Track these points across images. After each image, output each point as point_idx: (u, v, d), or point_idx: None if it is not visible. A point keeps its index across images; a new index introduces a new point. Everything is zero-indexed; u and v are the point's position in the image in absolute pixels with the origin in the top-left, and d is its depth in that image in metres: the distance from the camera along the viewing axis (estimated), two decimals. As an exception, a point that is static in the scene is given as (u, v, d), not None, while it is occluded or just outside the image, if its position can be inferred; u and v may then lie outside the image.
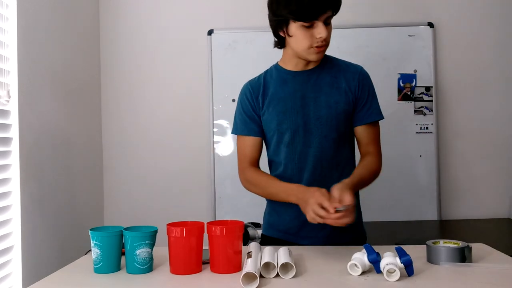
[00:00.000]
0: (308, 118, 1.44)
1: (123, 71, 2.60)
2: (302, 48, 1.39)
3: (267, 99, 1.50)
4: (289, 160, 1.46)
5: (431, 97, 2.51)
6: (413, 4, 2.55)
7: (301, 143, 1.45)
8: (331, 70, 1.48)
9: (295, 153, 1.45)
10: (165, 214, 2.52)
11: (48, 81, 1.98)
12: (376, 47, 2.51)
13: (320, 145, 1.44)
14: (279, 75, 1.51)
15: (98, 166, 2.53)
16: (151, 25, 2.60)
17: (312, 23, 1.35)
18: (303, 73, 1.48)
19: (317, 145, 1.44)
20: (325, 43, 1.38)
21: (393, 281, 1.04)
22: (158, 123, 2.59)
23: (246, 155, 1.53)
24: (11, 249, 1.70)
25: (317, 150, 1.44)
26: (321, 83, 1.46)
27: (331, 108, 1.43)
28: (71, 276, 1.18)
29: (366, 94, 1.47)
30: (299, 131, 1.45)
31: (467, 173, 2.53)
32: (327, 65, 1.49)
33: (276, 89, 1.49)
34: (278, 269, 1.10)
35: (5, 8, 1.71)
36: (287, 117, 1.45)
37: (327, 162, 1.45)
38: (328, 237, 1.46)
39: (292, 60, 1.48)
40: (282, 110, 1.46)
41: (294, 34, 1.38)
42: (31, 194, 1.80)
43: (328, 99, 1.44)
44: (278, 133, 1.47)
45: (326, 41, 1.38)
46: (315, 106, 1.44)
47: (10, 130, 1.72)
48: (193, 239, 1.14)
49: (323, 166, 1.45)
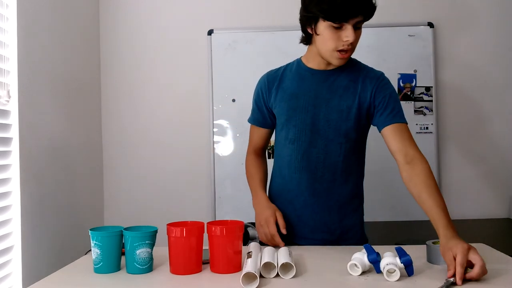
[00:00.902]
0: (317, 118, 1.43)
1: (123, 71, 2.60)
2: (327, 49, 1.37)
3: (280, 92, 1.50)
4: (293, 158, 1.46)
5: (431, 97, 2.51)
6: (413, 4, 2.55)
7: (307, 142, 1.44)
8: (350, 74, 1.45)
9: (298, 152, 1.45)
10: (165, 214, 2.52)
11: (48, 81, 1.98)
12: (376, 47, 2.51)
13: (325, 148, 1.43)
14: (298, 71, 1.50)
15: (98, 166, 2.53)
16: (151, 25, 2.60)
17: (342, 25, 1.32)
18: (321, 73, 1.46)
19: (322, 147, 1.43)
20: (350, 47, 1.36)
21: (393, 281, 1.04)
22: (158, 123, 2.59)
23: (251, 142, 1.61)
24: (11, 249, 1.70)
25: (321, 152, 1.43)
26: (338, 85, 1.44)
27: (342, 112, 1.42)
28: (71, 276, 1.18)
29: (386, 98, 1.41)
30: (306, 130, 1.44)
31: (467, 173, 2.52)
32: (348, 68, 1.46)
33: (292, 84, 1.48)
34: (278, 269, 1.10)
35: (5, 8, 1.71)
36: (297, 114, 1.45)
37: (331, 166, 1.44)
38: (326, 240, 1.46)
39: (315, 58, 1.46)
40: (293, 106, 1.46)
41: (321, 33, 1.36)
42: (31, 194, 1.80)
43: (341, 103, 1.42)
44: (285, 128, 1.47)
45: (352, 45, 1.36)
46: (327, 108, 1.43)
47: (10, 130, 1.72)
48: (193, 239, 1.15)
49: (326, 170, 1.43)
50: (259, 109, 1.56)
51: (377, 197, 2.47)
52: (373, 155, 2.49)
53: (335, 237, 1.46)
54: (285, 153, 1.48)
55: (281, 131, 1.50)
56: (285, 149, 1.49)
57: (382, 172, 2.49)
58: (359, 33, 1.37)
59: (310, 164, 1.44)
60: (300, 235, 1.47)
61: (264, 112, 1.55)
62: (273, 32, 2.51)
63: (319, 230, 1.46)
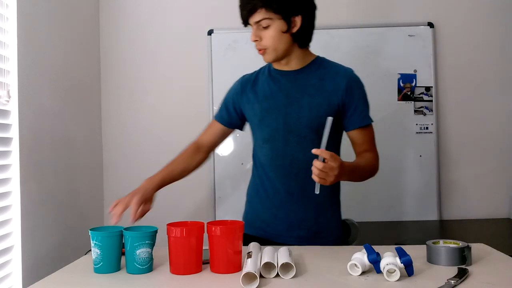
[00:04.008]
0: (290, 117, 1.47)
1: (123, 71, 2.60)
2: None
3: (254, 95, 1.54)
4: (268, 157, 1.50)
5: (431, 97, 2.51)
6: (413, 4, 2.55)
7: (280, 141, 1.47)
8: (320, 72, 1.49)
9: (273, 150, 1.49)
10: (165, 214, 2.51)
11: (48, 81, 1.98)
12: (376, 47, 2.50)
13: (299, 145, 1.46)
14: (269, 74, 1.55)
15: (98, 166, 2.54)
16: (151, 25, 2.60)
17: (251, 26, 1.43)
18: (291, 73, 1.51)
19: (295, 145, 1.46)
20: (261, 46, 1.44)
21: (393, 281, 1.04)
22: (158, 123, 2.59)
23: (202, 134, 1.66)
24: (11, 249, 1.70)
25: (295, 150, 1.46)
26: (307, 84, 1.48)
27: (313, 110, 1.45)
28: (71, 276, 1.18)
29: (356, 98, 1.46)
30: (279, 129, 1.47)
31: (467, 173, 2.52)
32: (315, 67, 1.50)
33: (264, 87, 1.53)
34: (278, 269, 1.10)
35: (5, 8, 1.71)
36: (270, 115, 1.49)
37: (305, 163, 1.42)
38: (302, 238, 1.48)
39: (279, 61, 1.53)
40: (266, 107, 1.50)
41: None
42: (31, 194, 1.80)
43: (311, 100, 1.46)
44: (260, 129, 1.51)
45: (262, 44, 1.43)
46: (298, 106, 1.47)
47: (10, 130, 1.72)
48: (193, 239, 1.14)
49: (300, 167, 1.45)
50: (227, 109, 1.62)
51: (377, 197, 2.47)
52: (373, 155, 2.50)
53: (311, 234, 1.48)
54: (261, 153, 1.53)
55: (256, 132, 1.54)
56: (260, 149, 1.53)
57: (382, 172, 2.49)
58: (269, 31, 1.42)
59: (284, 162, 1.47)
60: (277, 232, 1.49)
61: (231, 112, 1.61)
62: (273, 32, 2.51)
63: (295, 227, 1.49)
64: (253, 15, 1.39)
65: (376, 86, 2.51)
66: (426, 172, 2.48)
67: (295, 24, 1.42)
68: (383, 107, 2.50)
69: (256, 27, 1.41)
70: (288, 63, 1.50)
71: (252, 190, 1.59)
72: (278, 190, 1.48)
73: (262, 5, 1.37)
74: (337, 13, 2.54)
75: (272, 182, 1.49)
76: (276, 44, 1.43)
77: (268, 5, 1.37)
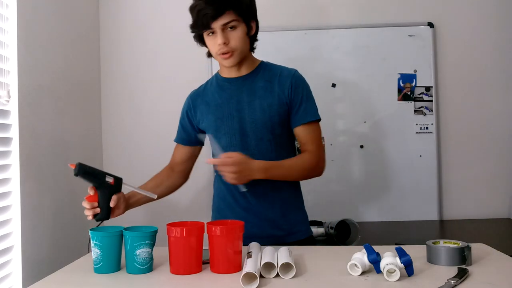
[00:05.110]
0: (244, 121, 1.50)
1: (123, 71, 2.60)
2: (214, 55, 1.49)
3: (205, 106, 1.57)
4: None
5: (431, 97, 2.51)
6: (413, 4, 2.55)
7: (239, 146, 1.50)
8: (265, 75, 1.53)
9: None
10: (165, 214, 2.51)
11: (48, 81, 1.97)
12: (376, 47, 2.51)
13: (257, 148, 1.49)
14: (217, 83, 1.58)
15: (98, 166, 2.53)
16: (151, 25, 2.60)
17: (213, 31, 1.42)
18: (238, 79, 1.54)
19: (253, 147, 1.49)
20: (229, 49, 1.43)
21: (393, 281, 1.04)
22: (158, 123, 2.59)
23: (171, 159, 1.73)
24: (11, 249, 1.70)
25: (254, 152, 1.48)
26: (256, 87, 1.51)
27: (265, 111, 1.48)
28: (71, 276, 1.18)
29: (300, 96, 1.50)
30: (236, 135, 1.51)
31: (467, 173, 2.52)
32: (261, 71, 1.54)
33: (214, 97, 1.56)
34: (278, 269, 1.10)
35: (5, 8, 1.71)
36: (224, 123, 1.52)
37: None
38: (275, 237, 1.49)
39: (223, 68, 1.56)
40: (219, 116, 1.53)
41: (206, 43, 1.48)
42: (31, 194, 1.80)
43: (262, 102, 1.49)
44: (217, 138, 1.54)
45: (230, 47, 1.43)
46: (250, 110, 1.49)
47: (10, 130, 1.71)
48: (193, 239, 1.15)
49: None
50: (183, 128, 1.67)
51: (377, 197, 2.48)
52: (373, 156, 2.50)
53: (284, 232, 1.51)
54: None
55: (214, 143, 1.55)
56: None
57: (382, 172, 2.49)
58: (236, 33, 1.43)
59: None
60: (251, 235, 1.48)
61: (188, 130, 1.65)
62: (273, 32, 2.51)
63: (267, 226, 1.52)
64: (221, 17, 1.39)
65: (376, 86, 2.51)
66: (426, 172, 2.48)
67: (252, 28, 1.48)
68: (383, 107, 2.50)
69: (222, 30, 1.41)
70: (240, 69, 1.53)
71: (219, 197, 1.63)
72: (244, 194, 1.50)
73: (230, 7, 1.39)
74: (337, 13, 2.54)
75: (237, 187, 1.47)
76: (243, 46, 1.46)
77: (237, 7, 1.40)
